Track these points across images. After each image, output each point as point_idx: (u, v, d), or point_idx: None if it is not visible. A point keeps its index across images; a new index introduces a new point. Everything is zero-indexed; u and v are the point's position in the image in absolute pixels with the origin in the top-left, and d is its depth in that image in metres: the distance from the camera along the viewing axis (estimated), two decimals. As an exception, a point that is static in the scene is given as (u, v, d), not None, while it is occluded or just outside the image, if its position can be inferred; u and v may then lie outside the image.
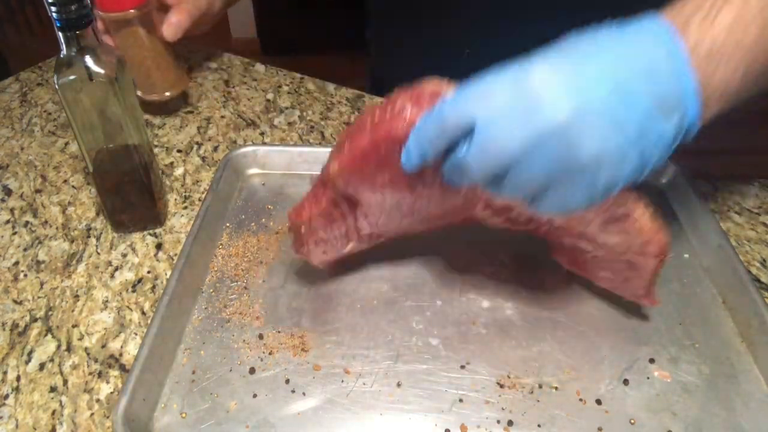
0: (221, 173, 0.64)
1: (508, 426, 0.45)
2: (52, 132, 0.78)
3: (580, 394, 0.47)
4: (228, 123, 0.79)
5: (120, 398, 0.43)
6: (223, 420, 0.45)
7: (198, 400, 0.47)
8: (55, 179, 0.70)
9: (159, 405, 0.46)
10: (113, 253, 0.60)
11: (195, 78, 0.88)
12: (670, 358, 0.49)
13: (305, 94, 0.85)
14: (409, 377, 0.48)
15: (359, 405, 0.46)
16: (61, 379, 0.49)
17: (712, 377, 0.48)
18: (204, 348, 0.50)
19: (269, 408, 0.46)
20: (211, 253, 0.58)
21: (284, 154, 0.68)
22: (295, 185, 0.67)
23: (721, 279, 0.55)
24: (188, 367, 0.49)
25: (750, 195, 0.66)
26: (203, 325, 0.52)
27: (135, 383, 0.44)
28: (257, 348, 0.50)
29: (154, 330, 0.48)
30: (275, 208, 0.64)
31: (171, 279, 0.52)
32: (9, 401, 0.47)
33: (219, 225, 0.61)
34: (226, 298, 0.54)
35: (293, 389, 0.47)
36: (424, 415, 0.46)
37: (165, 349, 0.49)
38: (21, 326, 0.53)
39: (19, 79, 0.90)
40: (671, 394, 0.47)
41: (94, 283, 0.57)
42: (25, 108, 0.83)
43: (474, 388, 0.47)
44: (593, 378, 0.48)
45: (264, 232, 0.61)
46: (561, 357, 0.49)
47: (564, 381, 0.48)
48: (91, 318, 0.54)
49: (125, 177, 0.58)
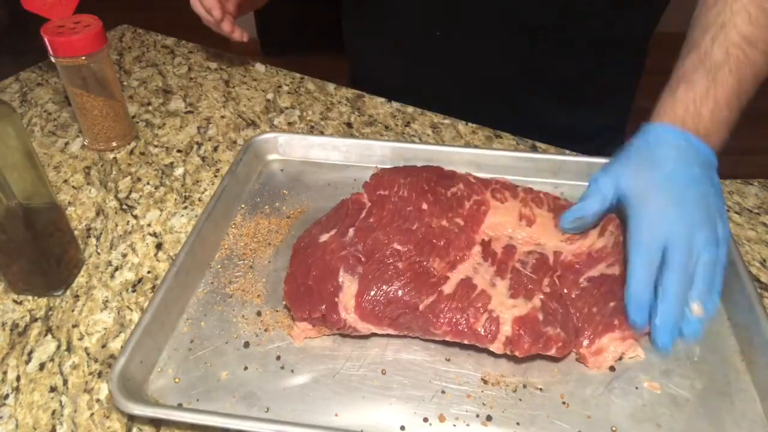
0: (242, 156, 0.67)
1: (487, 421, 0.45)
2: (52, 132, 0.78)
3: (564, 398, 0.47)
4: (228, 123, 0.79)
5: (119, 358, 0.46)
6: (213, 388, 0.47)
7: (192, 367, 0.49)
8: (55, 179, 0.70)
9: (155, 369, 0.49)
10: (113, 253, 0.60)
11: (195, 78, 0.89)
12: (664, 369, 0.48)
13: (305, 94, 0.85)
14: (395, 365, 0.49)
15: (343, 386, 0.48)
16: (61, 379, 0.49)
17: (705, 393, 0.47)
18: (205, 320, 0.53)
19: (258, 381, 0.48)
20: (224, 231, 0.61)
21: (304, 142, 0.70)
22: (313, 173, 0.69)
23: (728, 296, 0.53)
24: (187, 336, 0.51)
25: (750, 195, 0.65)
26: (207, 297, 0.55)
27: (135, 346, 0.47)
28: (254, 324, 0.52)
29: (158, 298, 0.51)
30: (290, 193, 0.66)
31: (181, 252, 0.55)
32: (9, 401, 0.48)
33: (235, 205, 0.64)
34: (231, 274, 0.57)
35: (283, 366, 0.49)
36: (405, 402, 0.46)
37: (167, 317, 0.51)
38: (21, 326, 0.53)
39: (19, 79, 0.89)
40: (658, 406, 0.46)
41: (94, 283, 0.57)
42: (25, 108, 0.83)
43: (458, 381, 0.48)
44: (580, 383, 0.48)
45: (276, 216, 0.63)
46: (550, 360, 0.49)
47: (549, 383, 0.48)
48: (91, 318, 0.54)
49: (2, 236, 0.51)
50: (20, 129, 0.49)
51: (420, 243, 0.53)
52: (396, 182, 0.59)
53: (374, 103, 0.82)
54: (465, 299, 0.49)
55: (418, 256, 0.52)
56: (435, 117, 0.79)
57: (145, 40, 1.00)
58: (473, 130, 0.76)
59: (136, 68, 0.92)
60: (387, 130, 0.77)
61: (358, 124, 0.78)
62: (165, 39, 1.00)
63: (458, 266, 0.52)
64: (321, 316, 0.49)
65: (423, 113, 0.80)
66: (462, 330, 0.48)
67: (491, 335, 0.47)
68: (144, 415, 0.44)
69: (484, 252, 0.53)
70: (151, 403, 0.46)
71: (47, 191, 0.54)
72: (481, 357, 0.50)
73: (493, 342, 0.47)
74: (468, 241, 0.54)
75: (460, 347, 0.50)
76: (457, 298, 0.49)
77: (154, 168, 0.72)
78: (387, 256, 0.52)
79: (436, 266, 0.52)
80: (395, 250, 0.52)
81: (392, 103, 0.82)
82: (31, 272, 0.54)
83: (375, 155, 0.69)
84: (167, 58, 0.94)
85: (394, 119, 0.79)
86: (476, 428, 0.45)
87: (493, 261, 0.53)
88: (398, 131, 0.76)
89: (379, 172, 0.61)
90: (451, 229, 0.55)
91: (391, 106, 0.81)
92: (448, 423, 0.45)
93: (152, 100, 0.84)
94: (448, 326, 0.48)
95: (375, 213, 0.56)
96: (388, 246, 0.53)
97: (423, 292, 0.49)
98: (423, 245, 0.53)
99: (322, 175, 0.69)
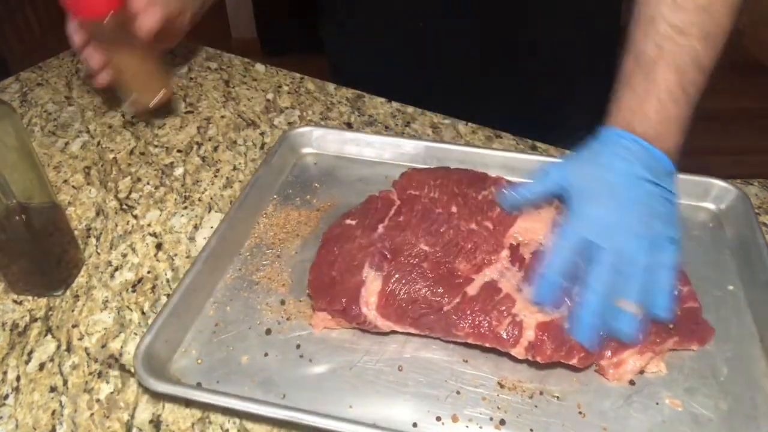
0: (277, 148, 0.68)
1: (500, 425, 0.45)
2: (52, 132, 0.78)
3: (581, 407, 0.46)
4: (228, 123, 0.79)
5: (144, 336, 0.48)
6: (233, 371, 0.49)
7: (215, 350, 0.50)
8: (55, 179, 0.70)
9: (180, 349, 0.50)
10: (113, 253, 0.60)
11: (195, 78, 0.89)
12: (687, 387, 0.47)
13: (305, 94, 0.84)
14: (412, 362, 0.49)
15: (360, 379, 0.48)
16: (61, 379, 0.49)
17: (729, 415, 0.45)
18: (230, 304, 0.54)
19: (277, 368, 0.49)
20: (255, 220, 0.62)
21: (338, 137, 0.71)
22: (345, 168, 0.70)
23: (764, 317, 0.51)
24: (213, 320, 0.53)
25: (750, 195, 0.62)
26: (234, 283, 0.56)
27: (161, 325, 0.49)
28: (277, 312, 0.53)
29: (187, 281, 0.52)
30: (321, 187, 0.67)
31: (212, 238, 0.56)
32: (9, 401, 0.48)
33: (267, 196, 0.65)
34: (259, 262, 0.58)
35: (302, 354, 0.50)
36: (420, 400, 0.47)
37: (195, 299, 0.53)
38: (21, 326, 0.53)
39: (19, 79, 0.89)
40: (679, 424, 0.45)
41: (94, 283, 0.57)
42: (25, 108, 0.82)
43: (474, 383, 0.48)
44: (599, 394, 0.47)
45: (306, 208, 0.64)
46: (570, 369, 0.48)
47: (567, 392, 0.47)
48: (91, 318, 0.54)
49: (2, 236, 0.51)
50: (20, 129, 0.49)
51: (447, 245, 0.53)
52: (426, 183, 0.59)
53: (374, 103, 0.82)
54: (489, 302, 0.49)
55: (445, 258, 0.52)
56: (435, 117, 0.78)
57: (146, 40, 1.00)
58: (473, 130, 0.76)
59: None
60: (387, 130, 0.77)
61: (358, 124, 0.78)
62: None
63: (484, 269, 0.52)
64: (342, 309, 0.50)
65: (423, 113, 0.79)
66: (484, 333, 0.48)
67: (513, 339, 0.47)
68: (164, 392, 0.45)
69: (512, 256, 0.53)
70: (173, 381, 0.47)
71: (47, 191, 0.54)
72: (499, 361, 0.49)
73: (515, 346, 0.47)
74: (496, 245, 0.54)
75: (480, 350, 0.50)
76: (480, 300, 0.49)
77: (154, 168, 0.72)
78: (413, 256, 0.52)
79: (461, 268, 0.52)
80: (422, 251, 0.53)
81: (392, 103, 0.81)
82: (31, 272, 0.54)
83: (408, 153, 0.69)
84: (167, 58, 0.93)
85: (394, 119, 0.78)
86: (489, 431, 0.45)
87: (521, 266, 0.52)
88: (398, 131, 0.76)
89: (410, 171, 0.61)
90: (480, 232, 0.55)
91: (390, 106, 0.81)
92: (461, 424, 0.45)
93: (152, 99, 0.85)
94: (471, 328, 0.48)
95: (404, 212, 0.56)
96: (415, 246, 0.53)
97: (447, 294, 0.49)
98: (450, 247, 0.53)
99: (354, 171, 0.69)
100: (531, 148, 0.73)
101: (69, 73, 0.90)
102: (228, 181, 0.69)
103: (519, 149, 0.72)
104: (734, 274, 0.56)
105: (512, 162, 0.66)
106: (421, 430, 0.45)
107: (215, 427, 0.46)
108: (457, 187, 0.59)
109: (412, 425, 0.45)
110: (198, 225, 0.63)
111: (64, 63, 0.92)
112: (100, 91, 0.83)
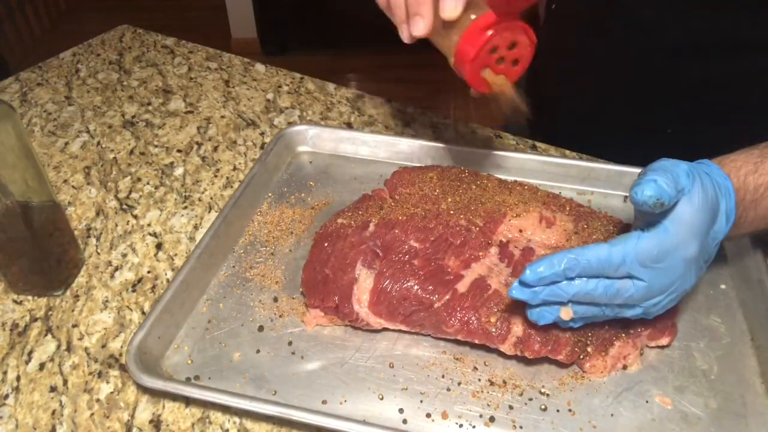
0: (272, 147, 0.68)
1: (489, 422, 0.45)
2: (52, 132, 0.78)
3: (570, 405, 0.46)
4: (228, 123, 0.79)
5: (137, 331, 0.48)
6: (225, 368, 0.49)
7: (207, 346, 0.51)
8: (55, 179, 0.70)
9: (172, 345, 0.51)
10: (113, 253, 0.60)
11: (195, 78, 0.89)
12: (678, 385, 0.47)
13: (305, 94, 0.84)
14: (403, 359, 0.50)
15: (351, 376, 0.48)
16: (61, 379, 0.49)
17: (719, 413, 0.45)
18: (224, 301, 0.54)
19: (269, 364, 0.49)
20: (249, 217, 0.63)
21: (334, 135, 0.71)
22: (340, 166, 0.70)
23: (754, 315, 0.51)
24: (206, 316, 0.53)
25: None
26: (228, 280, 0.56)
27: (154, 321, 0.49)
28: (270, 309, 0.54)
29: (180, 277, 0.52)
30: (316, 185, 0.67)
31: (206, 235, 0.56)
32: (9, 401, 0.48)
33: (262, 194, 0.65)
34: (253, 260, 0.58)
35: (294, 351, 0.50)
36: (410, 397, 0.47)
37: (188, 296, 0.53)
38: (21, 326, 0.53)
39: (19, 79, 0.89)
40: (668, 422, 0.45)
41: (94, 283, 0.57)
42: (25, 108, 0.82)
43: (464, 380, 0.48)
44: (589, 391, 0.47)
45: (301, 206, 0.64)
46: (560, 366, 0.49)
47: (557, 389, 0.47)
48: (91, 318, 0.54)
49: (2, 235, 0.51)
50: (20, 129, 0.49)
51: (437, 241, 0.53)
52: (417, 180, 0.59)
53: (374, 103, 0.82)
54: (478, 299, 0.49)
55: (434, 254, 0.52)
56: (435, 117, 0.79)
57: (145, 40, 0.99)
58: (473, 130, 0.76)
59: (136, 68, 0.92)
60: (387, 130, 0.77)
61: (358, 124, 0.78)
62: (165, 39, 0.99)
63: (472, 265, 0.52)
64: (334, 306, 0.50)
65: (423, 113, 0.79)
66: (473, 329, 0.48)
67: (502, 335, 0.47)
68: (155, 388, 0.45)
69: (501, 253, 0.53)
70: (164, 377, 0.48)
71: (47, 191, 0.54)
72: (490, 358, 0.49)
73: (504, 342, 0.47)
74: (485, 241, 0.54)
75: (471, 347, 0.50)
76: (470, 297, 0.49)
77: (154, 168, 0.72)
78: (403, 253, 0.52)
79: (451, 264, 0.52)
80: (412, 247, 0.53)
81: (392, 103, 0.81)
82: (31, 272, 0.54)
83: (403, 152, 0.70)
84: (167, 58, 0.94)
85: (394, 119, 0.79)
86: (479, 428, 0.45)
87: (509, 262, 0.52)
88: (398, 131, 0.76)
89: (401, 170, 0.61)
90: (470, 228, 0.55)
91: (390, 107, 0.81)
92: (451, 420, 0.45)
93: (152, 100, 0.84)
94: (460, 325, 0.48)
95: (395, 209, 0.57)
96: (405, 243, 0.53)
97: (437, 291, 0.49)
98: (439, 243, 0.53)
99: (349, 169, 0.70)
100: (531, 147, 0.73)
101: (69, 73, 0.91)
102: (228, 181, 0.70)
103: (519, 149, 0.72)
104: (727, 273, 0.56)
105: (508, 162, 0.67)
106: (411, 427, 0.45)
107: (215, 427, 0.46)
108: (448, 183, 0.59)
109: (402, 422, 0.45)
110: (198, 225, 0.64)
111: (64, 63, 0.93)
112: (101, 92, 0.83)
